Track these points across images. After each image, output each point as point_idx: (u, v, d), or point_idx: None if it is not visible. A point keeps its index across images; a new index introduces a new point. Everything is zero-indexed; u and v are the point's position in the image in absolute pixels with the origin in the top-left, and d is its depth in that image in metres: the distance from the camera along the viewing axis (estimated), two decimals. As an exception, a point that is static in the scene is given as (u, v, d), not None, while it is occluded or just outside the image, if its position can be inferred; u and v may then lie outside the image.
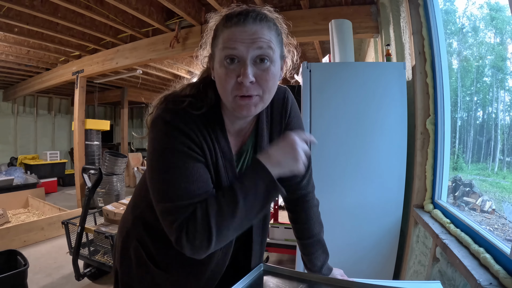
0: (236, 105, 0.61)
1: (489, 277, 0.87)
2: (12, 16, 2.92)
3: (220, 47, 0.60)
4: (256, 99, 0.61)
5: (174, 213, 0.59)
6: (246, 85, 0.58)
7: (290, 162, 0.61)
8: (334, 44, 1.99)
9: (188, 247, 0.58)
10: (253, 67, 0.59)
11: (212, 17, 0.66)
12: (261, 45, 0.58)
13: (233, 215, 0.58)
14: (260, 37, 0.58)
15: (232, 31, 0.59)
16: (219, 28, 0.62)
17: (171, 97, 0.67)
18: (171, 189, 0.59)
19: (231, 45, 0.58)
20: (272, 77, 0.61)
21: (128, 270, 0.78)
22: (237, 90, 0.59)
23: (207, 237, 0.57)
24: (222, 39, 0.60)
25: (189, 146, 0.61)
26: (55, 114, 7.89)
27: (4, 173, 4.88)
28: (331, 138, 1.70)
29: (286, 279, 0.78)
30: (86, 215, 2.26)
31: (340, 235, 1.69)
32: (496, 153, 1.54)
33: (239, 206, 0.58)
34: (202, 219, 0.57)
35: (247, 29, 0.58)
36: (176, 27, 3.21)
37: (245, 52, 0.58)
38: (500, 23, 1.47)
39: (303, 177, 0.84)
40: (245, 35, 0.58)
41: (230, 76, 0.59)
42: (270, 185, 0.60)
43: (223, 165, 0.68)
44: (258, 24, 0.59)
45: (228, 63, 0.59)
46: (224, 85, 0.60)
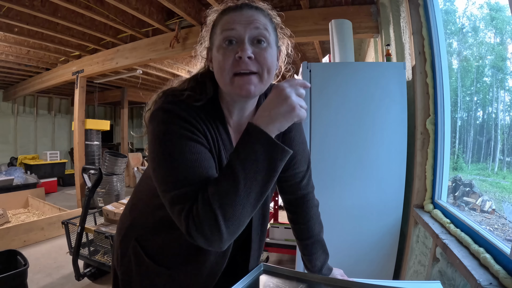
0: (235, 86, 0.61)
1: (489, 277, 0.87)
2: (12, 16, 2.92)
3: (219, 32, 0.63)
4: (255, 78, 0.61)
5: (182, 201, 0.55)
6: (245, 60, 0.59)
7: (285, 112, 0.53)
8: (334, 44, 1.99)
9: (199, 237, 0.53)
10: (251, 47, 0.61)
11: (210, 13, 0.69)
12: (258, 26, 0.61)
13: (236, 189, 0.52)
14: (256, 19, 0.62)
15: (229, 15, 0.62)
16: (216, 19, 0.66)
17: (169, 91, 0.66)
18: (178, 175, 0.56)
19: (229, 26, 0.61)
20: (270, 56, 0.62)
21: (127, 270, 0.78)
22: (235, 67, 0.60)
23: (214, 220, 0.51)
24: (220, 25, 0.63)
25: (192, 131, 0.59)
26: (55, 114, 7.89)
27: (4, 173, 4.88)
28: (331, 138, 1.70)
29: (286, 279, 0.78)
30: (86, 215, 2.26)
31: (340, 235, 1.69)
32: (496, 153, 1.54)
33: (239, 178, 0.52)
34: (203, 202, 0.52)
35: (243, 12, 0.62)
36: (176, 27, 3.21)
37: (243, 31, 0.60)
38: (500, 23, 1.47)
39: (302, 177, 0.84)
40: (242, 18, 0.61)
41: (229, 55, 0.60)
42: (269, 145, 0.52)
43: (226, 158, 0.67)
44: (254, 10, 0.63)
45: (226, 45, 0.61)
46: (222, 65, 0.61)
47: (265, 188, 0.54)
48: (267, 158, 0.52)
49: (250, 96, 0.62)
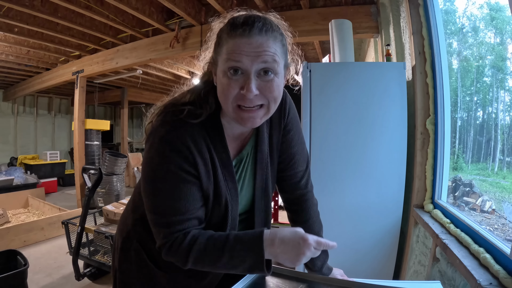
0: (238, 117, 0.61)
1: (489, 277, 0.87)
2: (12, 16, 2.92)
3: (224, 57, 0.59)
4: (261, 112, 0.61)
5: (160, 226, 0.64)
6: (250, 98, 0.58)
7: (290, 258, 0.59)
8: (334, 44, 1.99)
9: (166, 256, 0.64)
10: (257, 80, 0.58)
11: (216, 21, 0.65)
12: (266, 59, 0.57)
13: (212, 263, 0.62)
14: (265, 50, 0.57)
15: (236, 42, 0.57)
16: (223, 35, 0.60)
17: (170, 106, 0.66)
18: (160, 204, 0.63)
19: (236, 57, 0.57)
20: (277, 88, 0.60)
21: (128, 270, 0.78)
22: (239, 100, 0.59)
23: (183, 262, 0.63)
24: (226, 49, 0.59)
25: (180, 166, 0.62)
26: (55, 114, 7.89)
27: (4, 173, 4.88)
28: (331, 138, 1.70)
29: (286, 279, 0.78)
30: (86, 215, 2.26)
31: (340, 235, 1.69)
32: (496, 153, 1.54)
33: (221, 261, 0.61)
34: (185, 249, 0.62)
35: (252, 41, 0.57)
36: (176, 27, 3.21)
37: (250, 65, 0.57)
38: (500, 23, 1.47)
39: (301, 177, 0.84)
40: (250, 48, 0.57)
41: (233, 86, 0.58)
42: (258, 265, 0.60)
43: (222, 173, 0.68)
44: (263, 35, 0.57)
45: (231, 74, 0.58)
46: (226, 95, 0.59)
47: (232, 272, 0.64)
48: (249, 269, 0.62)
49: (254, 127, 0.65)
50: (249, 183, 0.76)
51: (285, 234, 0.60)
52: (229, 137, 0.71)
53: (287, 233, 0.60)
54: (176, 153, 0.61)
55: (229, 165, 0.69)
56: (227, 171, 0.69)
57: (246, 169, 0.75)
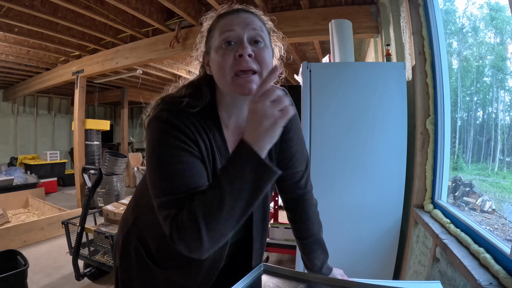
0: (236, 85, 0.62)
1: (489, 277, 0.87)
2: (12, 16, 2.92)
3: (217, 34, 0.65)
4: (256, 78, 0.63)
5: (169, 207, 0.57)
6: (246, 57, 0.61)
7: (269, 126, 0.52)
8: (334, 44, 1.99)
9: (180, 243, 0.55)
10: (250, 46, 0.63)
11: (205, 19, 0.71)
12: (255, 27, 0.64)
13: (220, 204, 0.53)
14: (252, 21, 0.65)
15: (227, 18, 0.65)
16: (213, 23, 0.68)
17: (167, 98, 0.68)
18: (166, 183, 0.59)
19: (229, 27, 0.63)
20: (268, 56, 0.65)
21: (128, 268, 0.79)
22: (236, 66, 0.62)
23: (196, 231, 0.53)
24: (218, 28, 0.65)
25: (184, 141, 0.61)
26: (55, 114, 7.89)
27: (4, 173, 4.88)
28: (331, 138, 1.70)
29: (286, 279, 0.78)
30: (86, 215, 2.26)
31: (340, 235, 1.69)
32: (496, 153, 1.54)
33: (225, 193, 0.53)
34: (188, 212, 0.55)
35: (240, 15, 0.65)
36: (176, 27, 3.21)
37: (242, 31, 0.63)
38: (500, 23, 1.47)
39: (301, 177, 0.84)
40: (240, 19, 0.64)
41: (229, 54, 0.62)
42: (257, 165, 0.53)
43: (221, 163, 0.68)
44: (249, 13, 0.67)
45: (226, 46, 0.63)
46: (222, 65, 0.62)
47: (249, 205, 0.55)
48: (254, 177, 0.53)
49: (251, 94, 0.61)
50: None
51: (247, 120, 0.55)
52: (227, 129, 0.72)
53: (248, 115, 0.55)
54: (177, 130, 0.61)
55: (227, 154, 0.70)
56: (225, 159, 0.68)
57: None
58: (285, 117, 0.52)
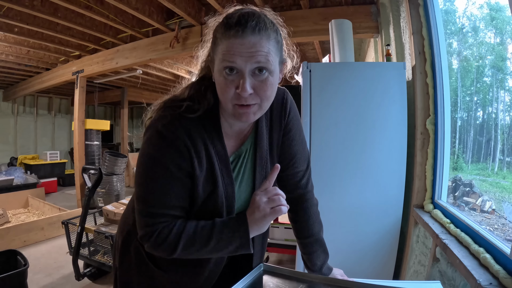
0: (236, 113, 0.63)
1: (489, 277, 0.87)
2: (12, 16, 2.92)
3: (219, 57, 0.60)
4: (254, 108, 0.62)
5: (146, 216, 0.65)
6: (244, 97, 0.60)
7: (258, 218, 0.66)
8: (334, 44, 1.99)
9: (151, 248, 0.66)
10: (251, 78, 0.59)
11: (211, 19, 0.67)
12: (259, 59, 0.58)
13: (200, 249, 0.65)
14: (258, 50, 0.58)
15: (230, 43, 0.58)
16: (218, 35, 0.61)
17: (169, 102, 0.68)
18: (148, 195, 0.65)
19: (230, 58, 0.58)
20: (270, 87, 0.62)
21: (128, 269, 0.78)
22: (236, 100, 0.61)
23: (170, 251, 0.65)
24: (221, 49, 0.60)
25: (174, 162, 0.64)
26: (55, 114, 7.89)
27: (4, 173, 4.88)
28: (331, 138, 1.70)
29: (286, 279, 0.78)
30: (86, 215, 2.26)
31: (340, 235, 1.69)
32: (496, 153, 1.54)
33: (209, 245, 0.65)
34: (174, 236, 0.64)
35: (245, 41, 0.57)
36: (176, 27, 3.21)
37: (244, 65, 0.58)
38: (500, 23, 1.47)
39: (302, 176, 0.84)
40: (244, 48, 0.57)
41: (229, 86, 0.60)
42: (244, 245, 0.66)
43: (219, 168, 0.68)
44: (257, 35, 0.58)
45: (227, 74, 0.60)
46: (223, 94, 0.62)
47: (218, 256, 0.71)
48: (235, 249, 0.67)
49: (250, 122, 0.68)
50: (248, 180, 0.76)
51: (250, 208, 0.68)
52: (228, 133, 0.72)
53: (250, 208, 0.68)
54: (171, 148, 0.63)
55: (226, 160, 0.70)
56: (224, 166, 0.70)
57: (245, 165, 0.75)
58: (274, 215, 0.65)
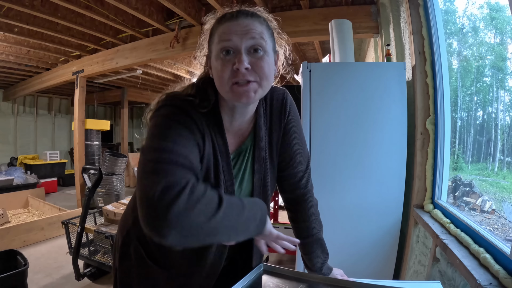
0: (234, 94, 0.62)
1: (489, 277, 0.87)
2: (12, 16, 2.92)
3: (216, 41, 0.64)
4: (254, 85, 0.62)
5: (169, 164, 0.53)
6: (242, 71, 0.60)
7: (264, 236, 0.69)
8: (334, 44, 1.99)
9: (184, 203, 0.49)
10: (248, 56, 0.62)
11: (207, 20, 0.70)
12: (254, 35, 0.62)
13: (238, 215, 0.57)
14: (252, 28, 0.62)
15: (226, 25, 0.63)
16: (214, 27, 0.66)
17: (172, 93, 0.68)
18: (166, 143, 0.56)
19: (226, 37, 0.62)
20: (267, 65, 0.63)
21: (128, 268, 0.78)
22: (234, 78, 0.61)
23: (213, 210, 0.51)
24: (217, 34, 0.64)
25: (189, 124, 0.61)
26: (55, 114, 7.89)
27: (4, 173, 4.88)
28: (331, 138, 1.70)
29: (286, 279, 0.78)
30: (86, 215, 2.26)
31: (340, 235, 1.69)
32: (496, 153, 1.54)
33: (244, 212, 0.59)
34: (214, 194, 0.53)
35: (239, 22, 0.63)
36: (176, 27, 3.21)
37: (239, 42, 0.61)
38: (500, 23, 1.47)
39: (302, 176, 0.84)
40: (238, 28, 0.62)
41: (227, 65, 0.61)
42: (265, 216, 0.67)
43: (221, 165, 0.69)
44: (250, 18, 0.64)
45: (224, 55, 0.62)
46: (221, 75, 0.62)
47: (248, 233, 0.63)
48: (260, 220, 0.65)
49: (250, 102, 0.65)
50: (248, 179, 0.76)
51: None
52: (229, 132, 0.72)
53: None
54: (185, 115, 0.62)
55: (227, 157, 0.70)
56: (225, 163, 0.70)
57: (245, 164, 0.75)
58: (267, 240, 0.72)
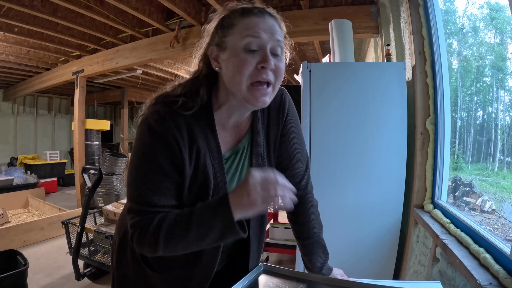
0: (251, 95, 0.62)
1: (489, 277, 0.87)
2: (12, 16, 2.92)
3: (239, 34, 0.61)
4: (270, 89, 0.63)
5: (133, 213, 0.63)
6: (268, 71, 0.61)
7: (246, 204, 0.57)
8: (334, 44, 1.99)
9: (137, 246, 0.63)
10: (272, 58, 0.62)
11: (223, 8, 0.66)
12: (278, 38, 0.62)
13: (183, 239, 0.60)
14: (276, 30, 0.63)
15: (253, 20, 0.61)
16: (233, 17, 0.63)
17: (162, 97, 0.67)
18: (137, 192, 0.64)
19: (254, 32, 0.60)
20: (283, 70, 0.64)
21: (124, 269, 0.79)
22: (255, 76, 0.61)
23: (153, 246, 0.61)
24: (240, 27, 0.61)
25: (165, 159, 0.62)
26: (55, 114, 7.89)
27: (4, 173, 4.88)
28: (331, 138, 1.70)
29: (286, 279, 0.78)
30: (86, 215, 2.26)
31: (340, 235, 1.69)
32: (496, 153, 1.54)
33: (191, 233, 0.59)
34: (153, 230, 0.60)
35: (266, 21, 0.62)
36: (176, 27, 3.21)
37: (267, 41, 0.60)
38: (500, 23, 1.47)
39: (301, 178, 0.84)
40: (266, 26, 0.61)
41: (251, 62, 0.60)
42: (229, 227, 0.58)
43: (211, 165, 0.68)
44: (273, 19, 0.63)
45: (247, 51, 0.60)
46: (242, 71, 0.60)
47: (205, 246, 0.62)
48: (220, 232, 0.59)
49: (264, 106, 0.65)
50: None
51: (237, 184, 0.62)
52: (223, 128, 0.71)
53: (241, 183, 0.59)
54: (162, 144, 0.62)
55: (219, 157, 0.69)
56: (217, 163, 0.69)
57: (242, 163, 0.74)
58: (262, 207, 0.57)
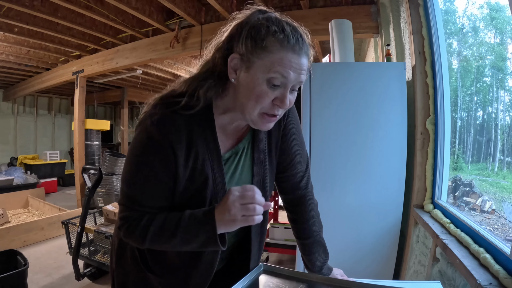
0: (260, 122, 0.64)
1: (489, 277, 0.87)
2: (12, 16, 2.92)
3: (269, 65, 0.59)
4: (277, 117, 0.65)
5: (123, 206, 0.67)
6: (283, 108, 0.63)
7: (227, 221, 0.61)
8: (334, 44, 1.99)
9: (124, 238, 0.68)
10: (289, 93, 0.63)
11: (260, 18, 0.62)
12: (302, 79, 0.62)
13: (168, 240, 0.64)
14: (304, 70, 0.62)
15: (289, 56, 0.59)
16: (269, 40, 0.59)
17: (165, 98, 0.67)
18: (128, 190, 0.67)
19: (285, 72, 0.59)
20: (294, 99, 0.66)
21: (123, 270, 0.79)
22: (268, 109, 0.63)
23: (140, 242, 0.66)
24: (273, 58, 0.59)
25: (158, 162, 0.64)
26: (55, 114, 7.89)
27: (4, 173, 4.87)
28: (331, 138, 1.70)
29: (286, 279, 0.78)
30: (86, 215, 2.26)
31: (340, 235, 1.69)
32: (496, 153, 1.54)
33: (176, 237, 0.63)
34: (142, 228, 0.64)
35: (300, 60, 0.60)
36: (176, 27, 3.21)
37: (293, 81, 0.61)
38: (500, 23, 1.47)
39: (302, 177, 0.84)
40: (297, 66, 0.60)
41: (270, 97, 0.61)
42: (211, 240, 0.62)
43: (210, 166, 0.68)
44: (305, 57, 0.62)
45: (270, 86, 0.60)
46: (258, 102, 0.61)
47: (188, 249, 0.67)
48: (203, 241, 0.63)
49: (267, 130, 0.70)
50: (246, 178, 0.75)
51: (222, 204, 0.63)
52: (223, 131, 0.71)
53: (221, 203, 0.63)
54: (156, 149, 0.63)
55: (218, 158, 0.68)
56: (216, 164, 0.68)
57: (242, 164, 0.74)
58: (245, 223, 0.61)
